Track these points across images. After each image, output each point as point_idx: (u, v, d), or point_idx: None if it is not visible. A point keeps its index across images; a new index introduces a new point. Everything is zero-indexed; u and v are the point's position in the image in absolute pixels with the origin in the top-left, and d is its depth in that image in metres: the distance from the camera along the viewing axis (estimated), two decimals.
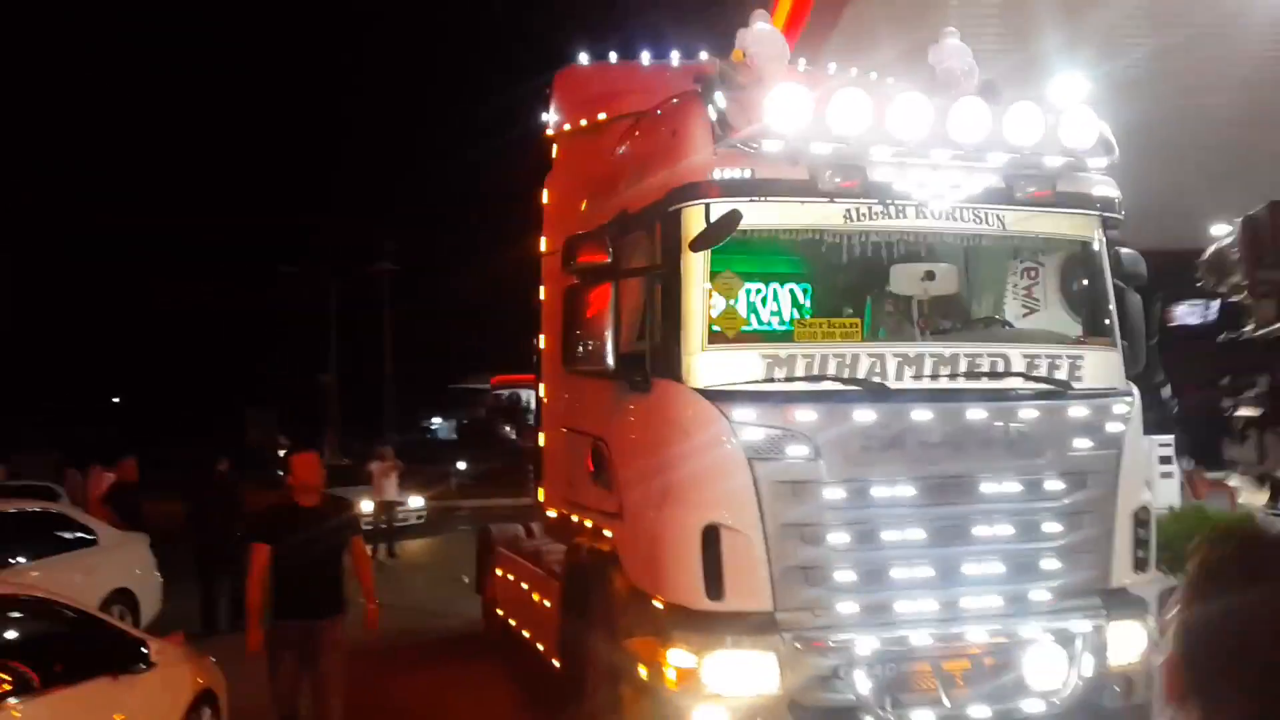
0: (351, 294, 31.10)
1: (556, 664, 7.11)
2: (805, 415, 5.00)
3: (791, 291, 5.62)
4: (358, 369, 32.01)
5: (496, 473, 31.30)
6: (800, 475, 4.97)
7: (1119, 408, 5.43)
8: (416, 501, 20.15)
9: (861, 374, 5.15)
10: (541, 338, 7.56)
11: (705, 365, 5.04)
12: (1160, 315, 5.91)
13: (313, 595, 5.91)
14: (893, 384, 5.15)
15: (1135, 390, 5.57)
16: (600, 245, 5.49)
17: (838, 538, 5.00)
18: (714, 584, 4.90)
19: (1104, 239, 5.66)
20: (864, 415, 5.07)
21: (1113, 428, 5.38)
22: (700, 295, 5.12)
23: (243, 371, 33.85)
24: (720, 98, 5.18)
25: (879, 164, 5.17)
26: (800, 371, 5.12)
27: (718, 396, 4.99)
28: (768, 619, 4.93)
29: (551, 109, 7.68)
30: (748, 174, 5.07)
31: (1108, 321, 5.63)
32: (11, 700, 4.39)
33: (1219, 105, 11.31)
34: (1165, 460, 17.17)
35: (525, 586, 8.35)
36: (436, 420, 55.02)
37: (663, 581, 5.13)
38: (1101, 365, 5.53)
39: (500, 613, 9.39)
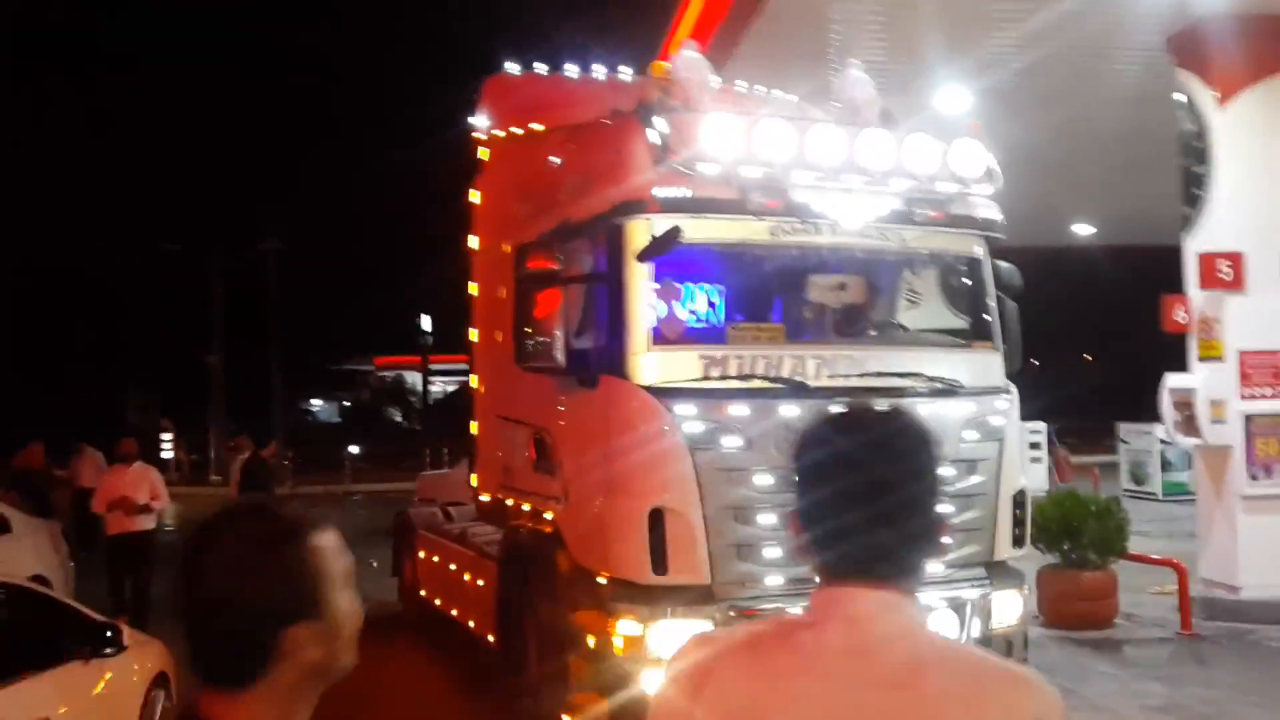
0: (233, 273, 30.40)
1: (491, 639, 7.60)
2: (738, 410, 5.62)
3: (723, 298, 6.24)
4: (239, 349, 31.34)
5: (388, 456, 31.31)
6: (734, 463, 5.59)
7: (1000, 404, 6.25)
8: None
9: (785, 374, 5.80)
10: (474, 330, 7.99)
11: (649, 364, 5.60)
12: None
13: None
14: (811, 382, 5.83)
15: (1014, 388, 6.41)
16: (547, 252, 5.98)
17: (767, 519, 5.65)
18: (659, 561, 5.49)
19: (988, 255, 6.47)
20: (788, 410, 5.72)
21: (996, 421, 6.19)
22: (644, 300, 5.67)
23: (124, 351, 32.50)
24: (661, 122, 5.73)
25: (799, 186, 5.81)
26: (733, 371, 5.74)
27: (661, 393, 5.56)
28: (706, 591, 5.55)
29: (481, 113, 8.09)
30: (687, 193, 5.64)
31: (990, 327, 6.45)
32: None
33: (1087, 119, 12.31)
34: (1035, 446, 18.64)
35: (454, 567, 8.78)
36: (317, 402, 54.09)
37: (610, 559, 5.69)
38: (985, 366, 6.34)
39: (423, 593, 9.78)
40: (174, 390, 30.68)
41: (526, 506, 6.83)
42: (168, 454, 29.71)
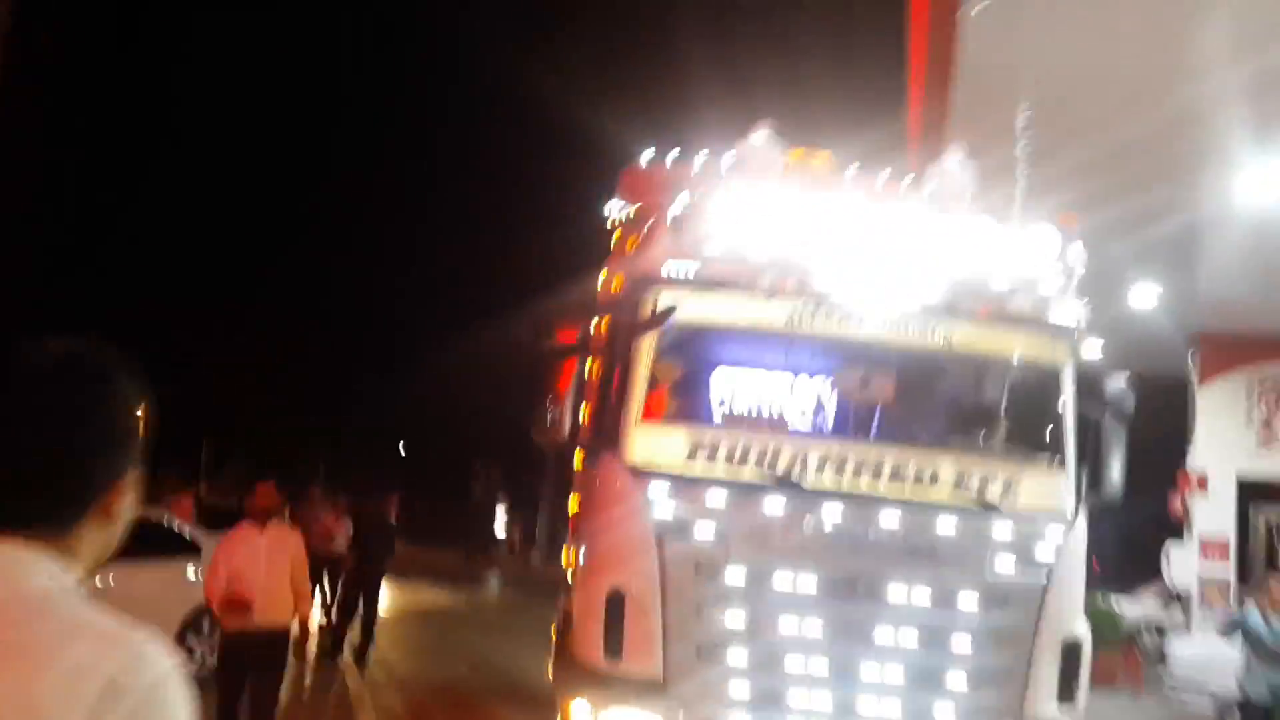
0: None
1: None
2: (716, 500, 5.28)
3: (730, 380, 5.91)
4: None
5: None
6: (703, 557, 5.23)
7: (1051, 532, 5.27)
8: None
9: (781, 466, 5.35)
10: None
11: (636, 442, 5.44)
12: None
13: None
14: (808, 482, 5.32)
15: (1079, 516, 5.37)
16: (576, 327, 6.07)
17: (734, 621, 5.20)
18: (613, 647, 5.25)
19: (1070, 361, 5.55)
20: (774, 507, 5.26)
21: (1042, 552, 5.23)
22: (639, 377, 5.55)
23: (470, 426, 35.88)
24: (679, 203, 5.66)
25: (817, 270, 5.42)
26: (722, 456, 5.40)
27: (640, 473, 5.37)
28: (657, 686, 5.20)
29: (616, 201, 8.38)
30: (690, 271, 5.49)
31: (1058, 442, 5.49)
32: None
33: None
34: None
35: None
36: None
37: (574, 641, 5.54)
38: (1042, 486, 5.39)
39: None
40: (513, 464, 33.31)
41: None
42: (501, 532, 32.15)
